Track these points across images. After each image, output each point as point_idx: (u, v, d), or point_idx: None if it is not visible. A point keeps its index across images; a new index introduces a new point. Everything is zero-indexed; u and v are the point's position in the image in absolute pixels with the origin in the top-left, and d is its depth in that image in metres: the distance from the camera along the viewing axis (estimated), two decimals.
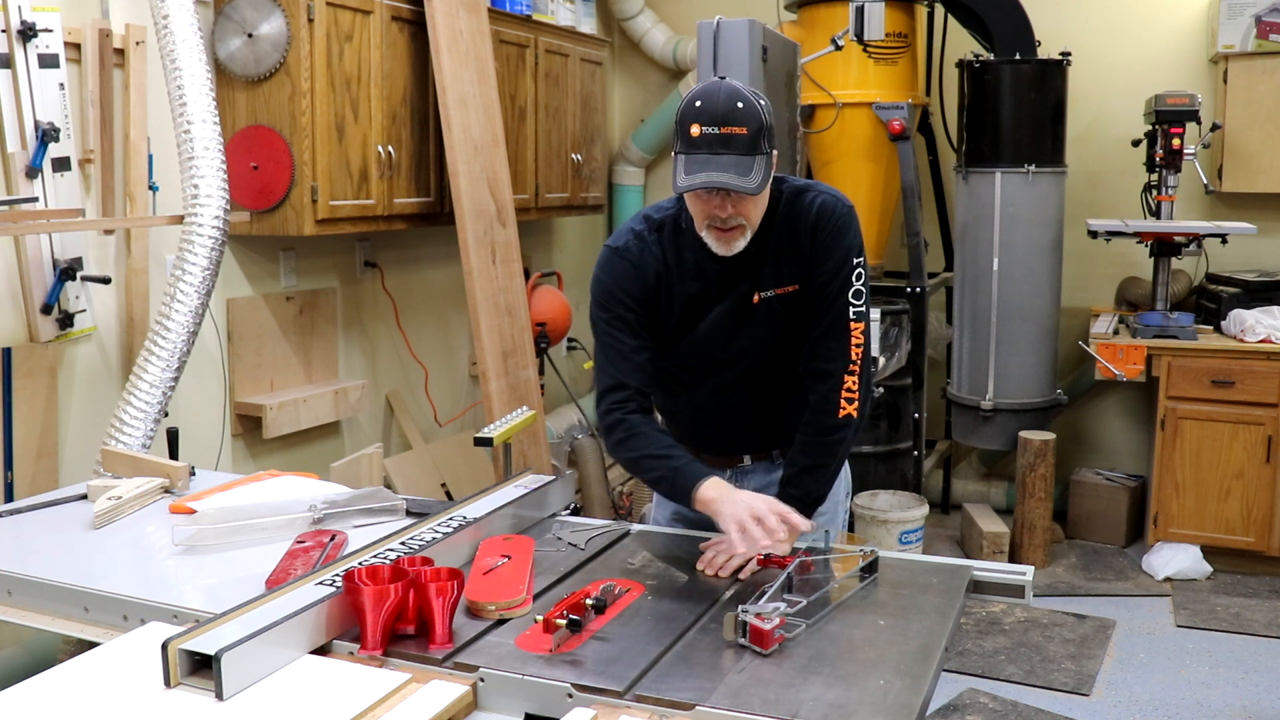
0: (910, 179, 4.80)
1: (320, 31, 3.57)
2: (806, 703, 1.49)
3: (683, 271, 2.08)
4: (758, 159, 1.90)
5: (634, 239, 2.10)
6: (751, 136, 1.89)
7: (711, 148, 1.89)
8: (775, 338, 2.11)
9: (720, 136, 1.88)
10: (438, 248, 4.73)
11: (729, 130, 1.88)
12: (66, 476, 3.18)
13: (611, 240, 2.14)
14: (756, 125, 1.89)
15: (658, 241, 2.09)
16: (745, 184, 1.88)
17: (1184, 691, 3.64)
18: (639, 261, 2.08)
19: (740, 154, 1.88)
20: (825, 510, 2.29)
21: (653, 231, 2.10)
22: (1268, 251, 5.05)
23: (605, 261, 2.12)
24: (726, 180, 1.87)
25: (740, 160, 1.88)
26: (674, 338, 2.14)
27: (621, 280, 2.08)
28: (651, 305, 2.10)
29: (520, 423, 2.67)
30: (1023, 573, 1.98)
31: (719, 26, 3.78)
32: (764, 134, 1.90)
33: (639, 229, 2.12)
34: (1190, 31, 5.17)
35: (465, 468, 4.64)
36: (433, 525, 2.13)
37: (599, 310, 2.11)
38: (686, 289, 2.08)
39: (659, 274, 2.08)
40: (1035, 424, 4.84)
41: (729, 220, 1.96)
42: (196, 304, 3.07)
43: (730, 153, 1.88)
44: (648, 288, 2.08)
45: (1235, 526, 4.54)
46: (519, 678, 1.54)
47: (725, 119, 1.88)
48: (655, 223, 2.11)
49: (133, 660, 1.61)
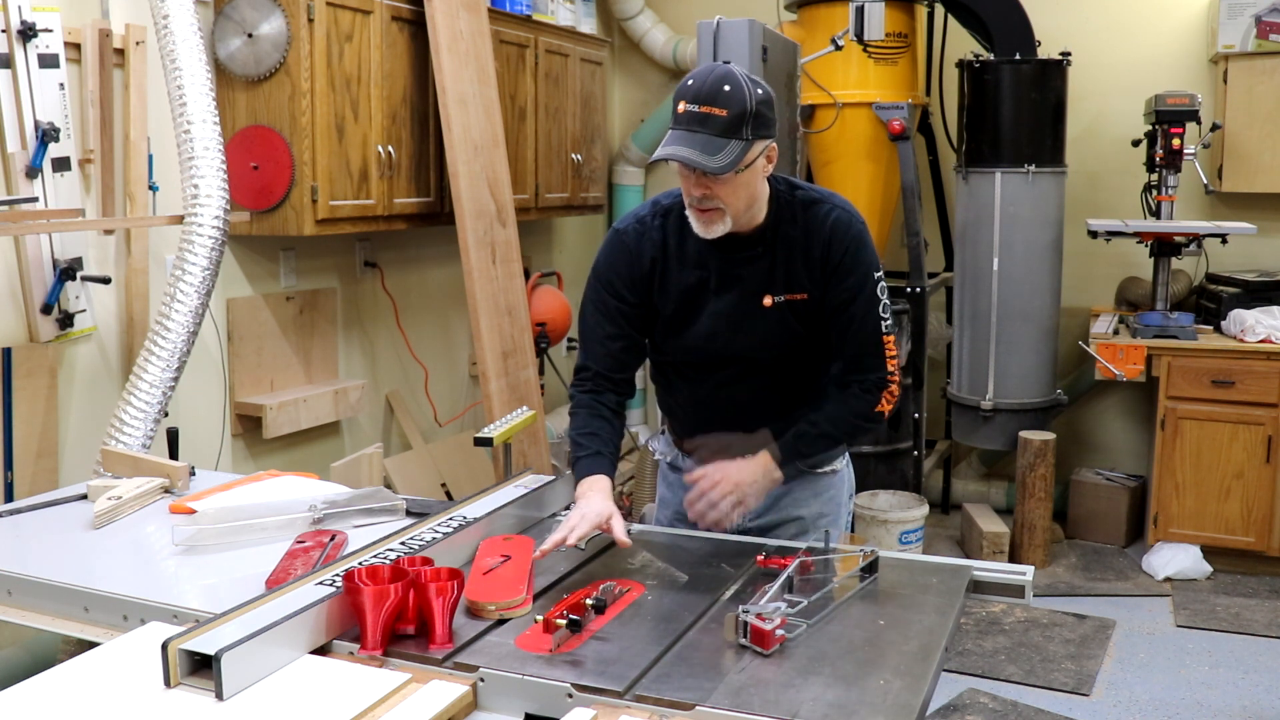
0: (910, 179, 4.80)
1: (320, 31, 3.57)
2: (806, 703, 1.49)
3: (683, 258, 2.09)
4: (733, 143, 1.90)
5: (636, 223, 2.13)
6: (731, 120, 1.89)
7: (689, 125, 1.90)
8: (784, 341, 2.11)
9: (699, 115, 1.89)
10: (438, 248, 4.73)
11: (708, 110, 1.89)
12: (66, 476, 3.18)
13: (618, 223, 2.17)
14: (739, 110, 1.89)
15: (661, 226, 2.11)
16: (708, 162, 1.88)
17: (1184, 691, 3.64)
18: (635, 246, 2.11)
19: (713, 134, 1.89)
20: (828, 512, 2.29)
21: (658, 216, 2.12)
22: (1268, 251, 5.05)
23: (607, 244, 2.16)
24: (688, 155, 1.88)
25: (711, 140, 1.89)
26: (674, 329, 2.14)
27: (615, 264, 2.12)
28: (644, 290, 2.12)
29: (520, 423, 2.67)
30: (1023, 573, 1.98)
31: (719, 26, 3.78)
32: (746, 119, 1.90)
33: (644, 214, 2.14)
34: (1190, 31, 5.17)
35: (465, 468, 4.64)
36: (433, 525, 2.13)
37: (590, 290, 2.16)
38: (685, 276, 2.09)
39: (655, 259, 2.10)
40: (1035, 424, 4.85)
41: (702, 201, 1.97)
42: (196, 304, 3.07)
43: (705, 132, 1.89)
44: (641, 272, 2.10)
45: (1235, 526, 4.54)
46: (519, 678, 1.54)
47: (708, 99, 1.89)
48: (663, 208, 2.13)
49: (133, 660, 1.60)
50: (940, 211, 5.48)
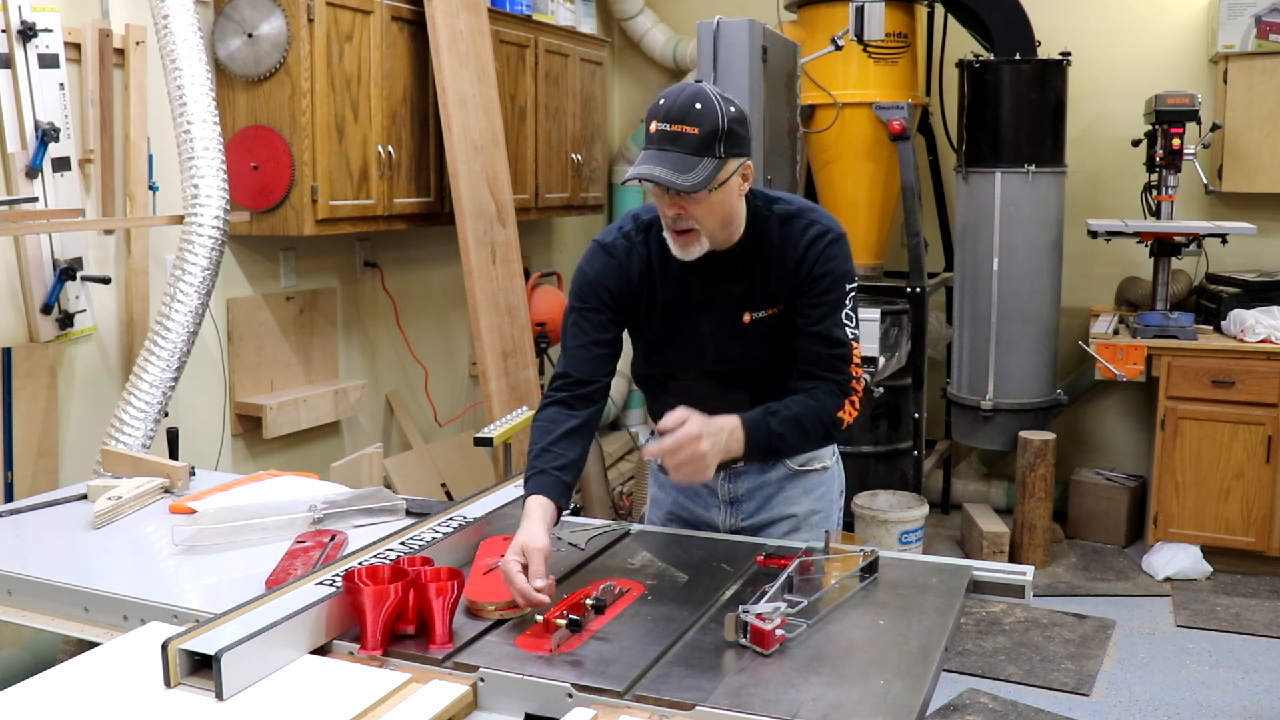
0: (910, 179, 4.80)
1: (320, 31, 3.57)
2: (806, 703, 1.49)
3: (667, 274, 2.07)
4: (705, 160, 1.86)
5: (622, 238, 2.10)
6: (702, 138, 1.86)
7: (660, 144, 1.88)
8: (767, 355, 2.09)
9: (670, 134, 1.87)
10: (438, 248, 4.73)
11: (679, 128, 1.86)
12: (66, 476, 3.18)
13: (601, 236, 2.14)
14: (711, 127, 1.86)
15: (644, 243, 2.08)
16: (679, 181, 1.85)
17: (1184, 691, 3.64)
18: (624, 261, 2.08)
19: (685, 153, 1.86)
20: (820, 508, 2.28)
21: (640, 232, 2.10)
22: (1268, 251, 5.05)
23: (592, 255, 2.12)
24: (659, 174, 1.85)
25: (683, 159, 1.86)
26: (659, 344, 2.14)
27: (604, 276, 2.08)
28: (631, 306, 2.09)
29: (520, 423, 2.68)
30: (1023, 573, 1.98)
31: (719, 26, 3.78)
32: (719, 137, 1.87)
33: (628, 228, 2.11)
34: (1190, 31, 5.17)
35: (465, 468, 4.64)
36: (433, 525, 2.13)
37: (574, 299, 2.12)
38: (669, 292, 2.08)
39: (642, 274, 2.08)
40: (1035, 424, 4.84)
41: (677, 221, 1.94)
42: (196, 304, 3.07)
43: (676, 150, 1.86)
44: (630, 287, 2.08)
45: (1235, 526, 4.54)
46: (519, 678, 1.54)
47: (678, 117, 1.86)
48: (643, 223, 2.10)
49: (133, 660, 1.61)
50: (940, 211, 5.48)
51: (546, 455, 1.98)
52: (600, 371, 2.09)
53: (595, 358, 2.08)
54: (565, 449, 1.99)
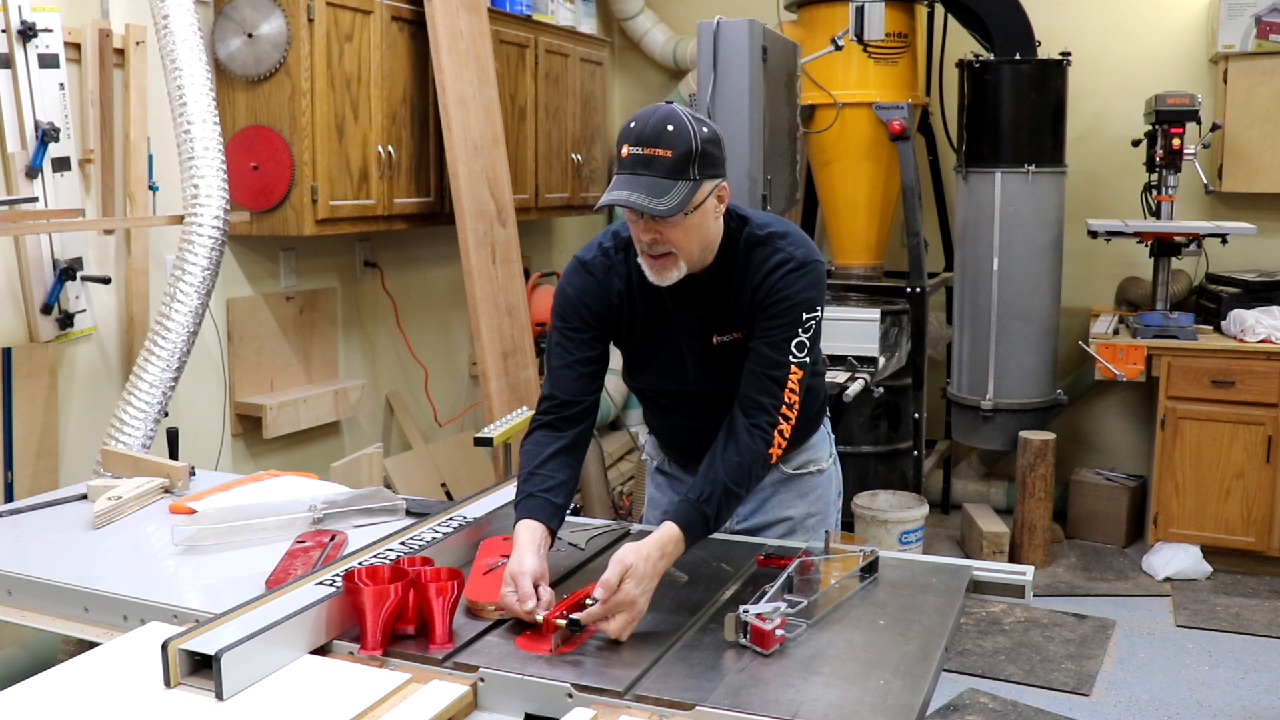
0: (910, 179, 4.80)
1: (320, 31, 3.57)
2: (806, 703, 1.49)
3: (646, 293, 2.03)
4: (679, 183, 1.83)
5: (601, 255, 2.07)
6: (676, 161, 1.82)
7: (634, 168, 1.83)
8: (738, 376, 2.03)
9: (643, 158, 1.82)
10: (438, 248, 4.73)
11: (651, 152, 1.82)
12: (66, 476, 3.18)
13: (582, 252, 2.10)
14: (684, 150, 1.82)
15: (624, 261, 2.05)
16: (654, 205, 1.81)
17: (1184, 691, 3.64)
18: (604, 279, 2.05)
19: (659, 176, 1.82)
20: (816, 511, 2.28)
21: (619, 250, 2.06)
22: (1268, 251, 5.05)
23: (571, 273, 2.09)
24: (633, 199, 1.81)
25: (657, 183, 1.82)
26: (640, 361, 2.12)
27: (584, 295, 2.05)
28: (612, 323, 2.06)
29: (520, 423, 2.68)
30: (1023, 573, 1.98)
31: (719, 26, 3.78)
32: (692, 159, 1.83)
33: (607, 245, 2.08)
34: (1190, 31, 5.17)
35: (465, 468, 4.64)
36: (433, 525, 2.13)
37: (556, 319, 2.08)
38: (650, 309, 2.05)
39: (621, 293, 2.04)
40: (1035, 424, 4.84)
41: (653, 246, 1.90)
42: (196, 304, 3.08)
43: (650, 174, 1.82)
44: (610, 305, 2.05)
45: (1235, 526, 4.54)
46: (519, 678, 1.55)
47: (650, 141, 1.82)
48: (623, 240, 2.06)
49: (133, 660, 1.61)
50: (940, 211, 5.48)
51: (534, 479, 1.96)
52: (586, 390, 2.05)
53: (579, 376, 2.04)
54: (553, 470, 1.97)
